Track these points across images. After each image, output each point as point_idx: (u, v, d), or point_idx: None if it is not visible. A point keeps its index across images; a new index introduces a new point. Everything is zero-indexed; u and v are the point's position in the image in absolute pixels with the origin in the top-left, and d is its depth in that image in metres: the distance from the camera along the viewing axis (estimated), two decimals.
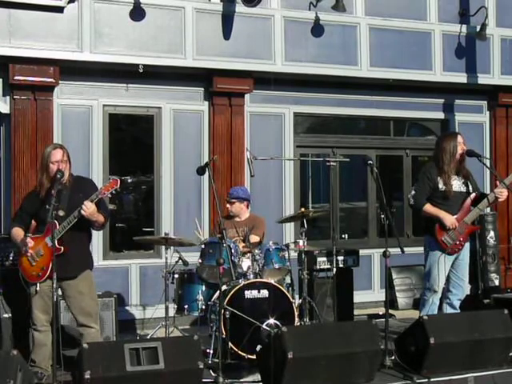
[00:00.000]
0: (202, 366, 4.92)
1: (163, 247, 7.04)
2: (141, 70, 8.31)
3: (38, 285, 5.47)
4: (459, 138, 6.52)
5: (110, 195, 5.54)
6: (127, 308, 8.50)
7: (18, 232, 5.65)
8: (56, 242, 5.29)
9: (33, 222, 5.69)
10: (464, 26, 10.02)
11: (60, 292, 5.55)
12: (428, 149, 9.07)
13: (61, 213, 5.39)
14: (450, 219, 6.33)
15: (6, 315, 6.26)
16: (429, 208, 6.39)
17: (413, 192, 6.50)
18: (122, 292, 8.35)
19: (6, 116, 8.15)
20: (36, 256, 5.48)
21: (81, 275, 5.59)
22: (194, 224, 7.34)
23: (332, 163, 7.80)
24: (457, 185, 6.44)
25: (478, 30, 9.83)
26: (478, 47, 10.04)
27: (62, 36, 8.07)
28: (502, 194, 6.37)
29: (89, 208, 5.36)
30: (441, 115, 10.41)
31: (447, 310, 6.55)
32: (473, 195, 6.49)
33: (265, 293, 6.24)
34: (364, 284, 9.46)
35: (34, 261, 5.49)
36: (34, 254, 5.49)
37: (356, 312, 8.37)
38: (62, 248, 5.35)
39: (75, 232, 5.47)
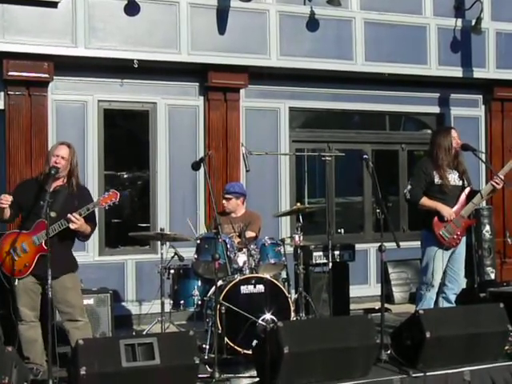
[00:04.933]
0: (197, 362, 4.91)
1: (159, 243, 7.03)
2: (135, 65, 8.28)
3: (17, 280, 5.42)
4: (453, 133, 6.54)
5: (107, 207, 5.53)
6: (123, 304, 8.49)
7: None
8: (43, 242, 5.29)
9: (21, 215, 5.64)
10: (459, 20, 10.01)
11: (41, 290, 5.51)
12: (424, 143, 9.06)
13: (53, 214, 5.34)
14: (447, 210, 6.34)
15: None
16: (426, 201, 6.40)
17: (409, 187, 6.49)
18: (118, 288, 8.34)
19: (0, 112, 8.12)
20: (20, 251, 5.44)
21: (65, 275, 5.55)
22: (191, 220, 7.32)
23: (327, 158, 7.80)
24: (452, 179, 6.46)
25: (473, 23, 9.82)
26: (474, 41, 10.03)
27: (56, 31, 8.04)
28: (499, 183, 6.39)
29: (77, 221, 5.35)
30: (436, 109, 10.41)
31: (443, 304, 6.56)
32: (467, 189, 6.50)
33: (261, 288, 6.24)
34: (360, 278, 9.47)
35: (16, 256, 5.44)
36: (19, 248, 5.45)
37: (352, 306, 8.38)
38: (49, 249, 5.30)
39: (60, 235, 5.44)
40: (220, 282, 6.25)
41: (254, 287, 6.23)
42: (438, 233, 6.35)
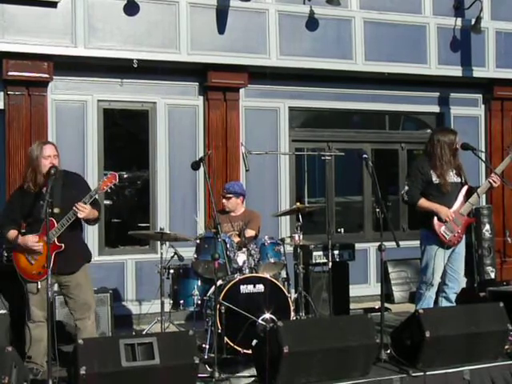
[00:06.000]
0: (197, 361, 4.91)
1: (159, 242, 7.03)
2: (135, 65, 8.28)
3: (39, 283, 5.43)
4: (457, 136, 6.53)
5: (109, 190, 5.53)
6: (123, 303, 8.50)
7: (14, 234, 5.56)
8: (56, 239, 5.30)
9: (24, 221, 5.63)
10: (459, 20, 10.01)
11: (56, 287, 5.54)
12: (423, 142, 9.07)
13: (56, 210, 5.37)
14: (445, 212, 6.33)
15: (2, 311, 6.24)
16: (423, 203, 6.38)
17: (406, 188, 6.47)
18: (118, 287, 8.35)
19: (0, 112, 8.12)
20: (35, 254, 5.46)
21: (80, 269, 5.60)
22: (190, 219, 7.33)
23: (327, 157, 7.80)
24: (450, 176, 6.44)
25: (472, 23, 9.82)
26: (473, 40, 10.03)
27: (55, 31, 8.04)
28: (496, 181, 6.40)
29: (85, 210, 5.36)
30: (436, 109, 10.41)
31: (443, 303, 6.55)
32: (465, 188, 6.49)
33: (260, 287, 6.23)
34: (360, 278, 9.47)
35: (33, 259, 5.47)
36: (33, 252, 5.46)
37: (352, 306, 8.38)
38: (63, 245, 5.36)
39: (70, 228, 5.45)
40: (220, 282, 6.26)
41: (254, 287, 6.23)
42: (439, 232, 6.34)
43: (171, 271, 6.77)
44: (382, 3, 9.61)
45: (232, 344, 5.96)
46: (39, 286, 5.44)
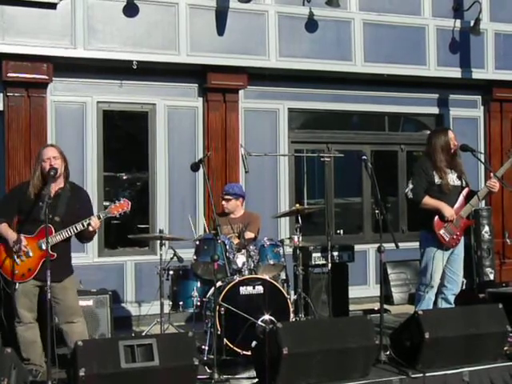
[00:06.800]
0: (197, 363, 4.92)
1: (158, 244, 7.03)
2: (134, 67, 8.29)
3: (18, 284, 5.41)
4: (450, 134, 6.55)
5: (118, 215, 5.53)
6: (122, 305, 8.49)
7: (6, 227, 5.52)
8: (50, 247, 5.23)
9: (18, 218, 5.61)
10: (458, 21, 10.02)
11: (40, 291, 5.50)
12: (423, 144, 9.07)
13: (57, 218, 5.37)
14: (449, 210, 6.34)
15: None
16: (428, 200, 6.38)
17: (410, 186, 6.47)
18: (118, 289, 8.35)
19: None
20: (24, 255, 5.43)
21: (66, 278, 5.57)
22: (189, 220, 7.32)
23: (326, 159, 7.81)
24: (451, 179, 6.46)
25: (471, 24, 9.83)
26: (472, 42, 10.04)
27: (55, 32, 8.04)
28: (495, 186, 6.41)
29: (96, 225, 5.41)
30: (435, 110, 10.41)
31: (442, 304, 6.56)
32: (466, 190, 6.51)
33: (260, 289, 6.23)
34: (359, 279, 9.46)
35: (19, 259, 5.43)
36: (22, 252, 5.43)
37: (351, 307, 8.37)
38: (56, 255, 5.32)
39: (65, 240, 5.46)
40: (219, 283, 6.25)
41: (253, 288, 6.22)
42: (438, 233, 6.34)
43: (171, 272, 6.78)
44: (381, 5, 9.62)
45: (231, 345, 5.96)
46: (17, 286, 5.41)
